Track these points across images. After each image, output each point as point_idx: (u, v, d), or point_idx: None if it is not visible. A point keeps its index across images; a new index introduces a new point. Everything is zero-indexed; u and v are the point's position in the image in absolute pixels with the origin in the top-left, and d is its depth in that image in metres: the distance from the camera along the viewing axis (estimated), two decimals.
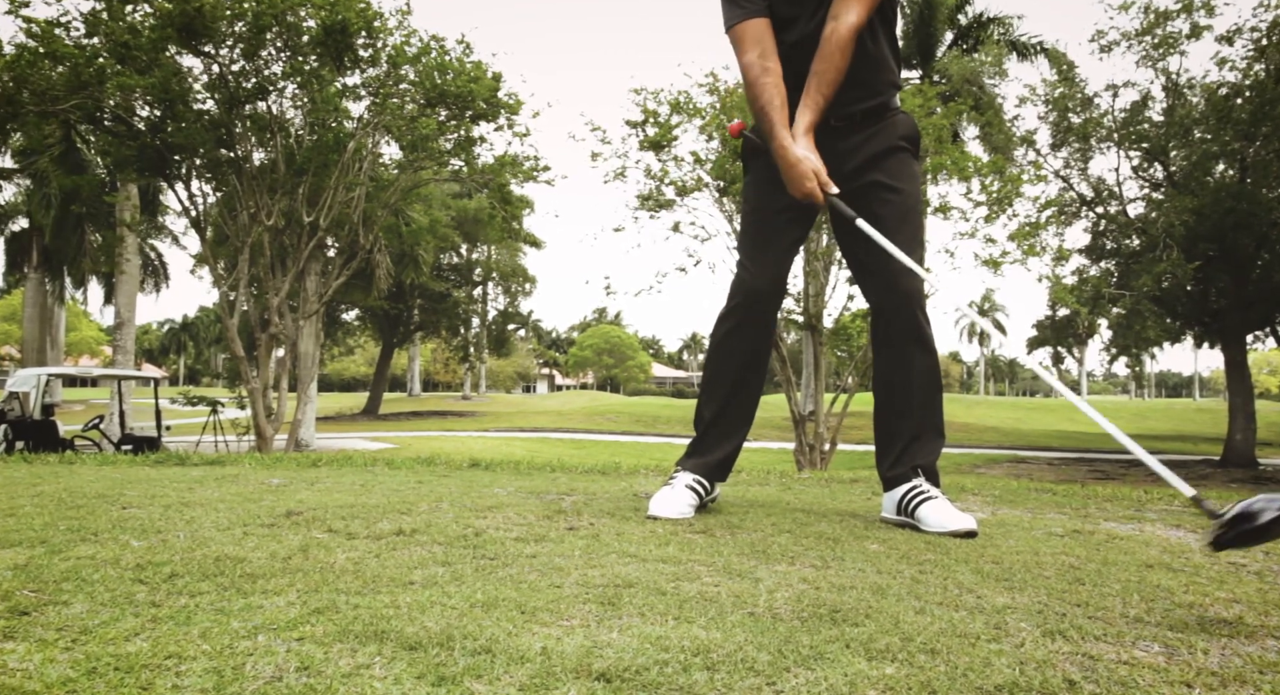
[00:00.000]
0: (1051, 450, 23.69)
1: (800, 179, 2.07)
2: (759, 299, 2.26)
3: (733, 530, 2.02)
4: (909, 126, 2.28)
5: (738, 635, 1.16)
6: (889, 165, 2.22)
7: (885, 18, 2.21)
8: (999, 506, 2.80)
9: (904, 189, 2.22)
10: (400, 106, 11.06)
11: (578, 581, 1.45)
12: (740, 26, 2.18)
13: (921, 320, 2.19)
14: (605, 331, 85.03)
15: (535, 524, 2.04)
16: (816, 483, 3.43)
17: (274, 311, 11.33)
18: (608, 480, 3.35)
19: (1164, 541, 2.12)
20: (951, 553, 1.82)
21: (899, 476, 2.20)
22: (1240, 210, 17.11)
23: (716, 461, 2.32)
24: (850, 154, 2.22)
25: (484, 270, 36.57)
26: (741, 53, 2.17)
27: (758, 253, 2.27)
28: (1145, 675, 1.07)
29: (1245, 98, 17.32)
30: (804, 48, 2.14)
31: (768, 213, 2.27)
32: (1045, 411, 41.95)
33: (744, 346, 2.30)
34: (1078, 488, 3.35)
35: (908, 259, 2.06)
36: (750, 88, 2.16)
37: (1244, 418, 18.83)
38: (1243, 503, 1.43)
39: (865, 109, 2.22)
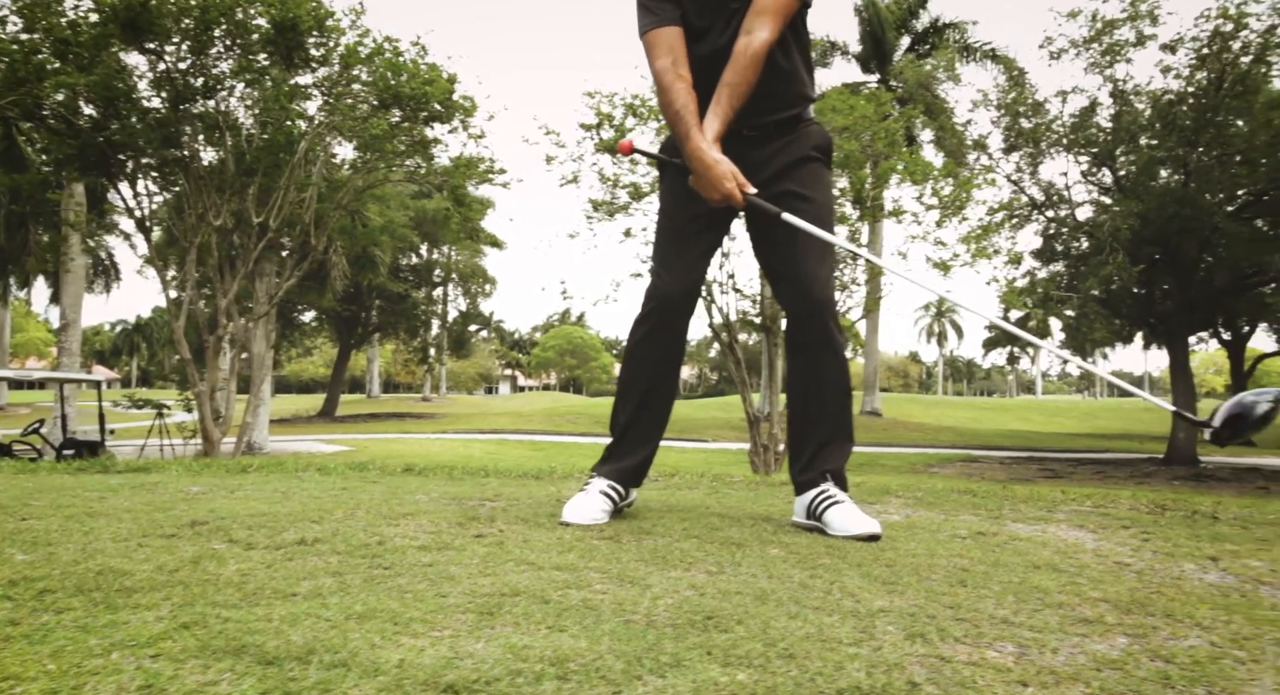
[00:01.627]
0: (1005, 449, 24.10)
1: (719, 180, 2.09)
2: (672, 305, 2.29)
3: (640, 536, 2.05)
4: (821, 137, 2.32)
5: (603, 644, 1.17)
6: (801, 175, 2.26)
7: (797, 33, 2.25)
8: (917, 509, 2.85)
9: (816, 198, 2.26)
10: (352, 107, 10.95)
11: (465, 590, 1.46)
12: (653, 33, 2.21)
13: (833, 328, 2.23)
14: (568, 332, 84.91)
15: (444, 531, 2.05)
16: (748, 487, 3.47)
17: (222, 313, 11.16)
18: (538, 485, 3.36)
19: (1060, 542, 2.18)
20: (848, 556, 1.86)
21: (809, 481, 2.25)
22: (1183, 215, 17.53)
23: (631, 467, 2.35)
24: (763, 164, 2.26)
25: (444, 271, 36.34)
26: (654, 59, 2.20)
27: (671, 259, 2.30)
28: (988, 675, 1.11)
29: (1188, 105, 17.76)
30: (715, 60, 2.17)
31: (681, 220, 2.30)
32: (1001, 411, 42.67)
33: (657, 352, 2.32)
34: (998, 489, 3.43)
35: (834, 238, 2.12)
36: (664, 93, 2.18)
37: None
38: (1228, 404, 1.78)
39: (778, 120, 2.26)
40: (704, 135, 2.10)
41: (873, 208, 14.12)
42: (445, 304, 39.05)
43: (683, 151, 2.15)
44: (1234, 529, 2.50)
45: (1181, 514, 2.80)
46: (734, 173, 2.10)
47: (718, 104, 2.12)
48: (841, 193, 14.13)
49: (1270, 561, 2.00)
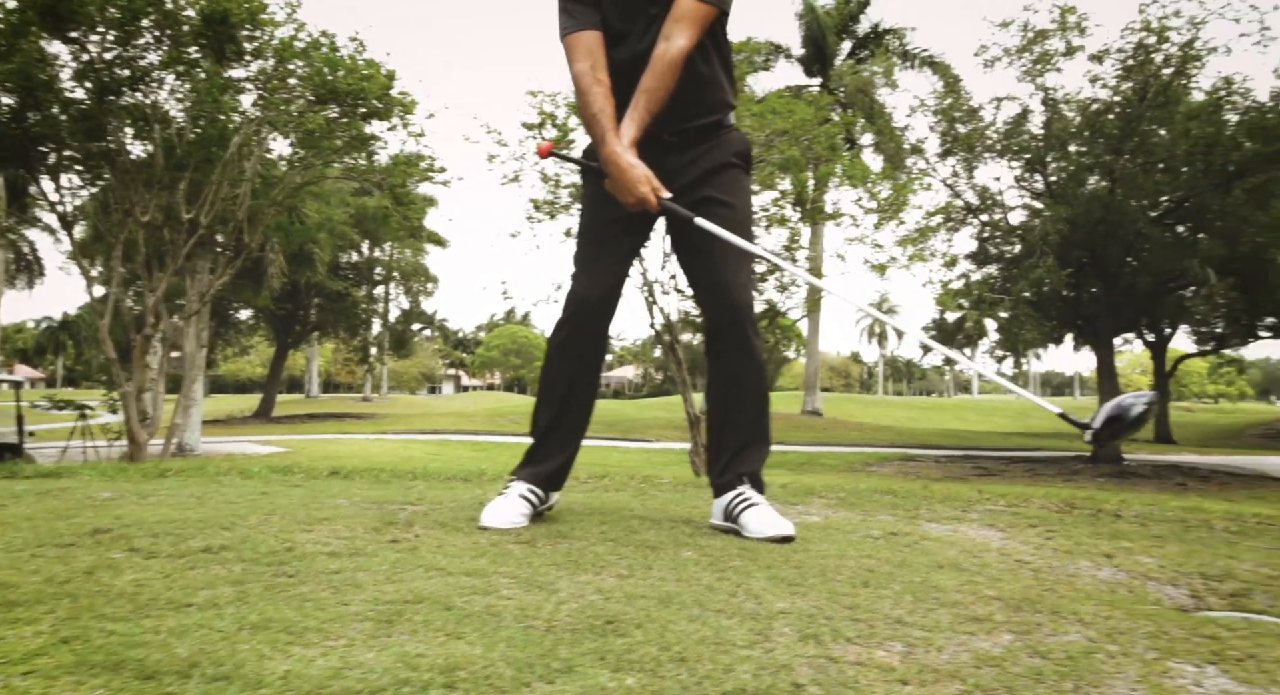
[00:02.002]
0: (941, 448, 24.64)
1: (633, 184, 2.11)
2: (591, 310, 2.30)
3: (556, 539, 2.05)
4: (742, 144, 2.36)
5: (497, 651, 1.18)
6: (721, 181, 2.29)
7: (717, 40, 2.27)
8: (838, 509, 2.91)
9: (735, 204, 2.29)
10: (288, 102, 10.72)
11: (369, 598, 1.45)
12: (573, 36, 2.22)
13: (750, 333, 2.26)
14: (513, 332, 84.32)
15: (358, 537, 2.03)
16: (675, 488, 3.50)
17: (150, 311, 10.84)
18: (465, 488, 3.34)
19: (968, 541, 2.24)
20: (759, 558, 1.89)
21: (726, 483, 2.28)
22: (1109, 220, 18.13)
23: (550, 471, 2.35)
24: (683, 169, 2.28)
25: (385, 269, 35.80)
26: (574, 62, 2.21)
27: (591, 264, 2.31)
28: (871, 674, 1.14)
29: (1114, 114, 18.37)
30: (634, 65, 2.19)
31: (600, 224, 2.31)
32: (938, 410, 43.61)
33: (576, 356, 2.33)
34: (919, 489, 3.52)
35: (751, 246, 2.15)
36: (582, 96, 2.19)
37: None
38: (1109, 405, 1.87)
39: (699, 126, 2.29)
40: (620, 139, 2.12)
41: (813, 211, 14.33)
42: (387, 303, 38.49)
43: (599, 155, 2.16)
44: (1133, 526, 2.60)
45: (1087, 512, 2.90)
46: (649, 177, 2.11)
47: (635, 109, 2.14)
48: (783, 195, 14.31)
49: (1160, 557, 2.08)
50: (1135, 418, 1.78)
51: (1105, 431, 1.79)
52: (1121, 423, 1.78)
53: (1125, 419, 1.78)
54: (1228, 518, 2.91)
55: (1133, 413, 1.77)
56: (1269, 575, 1.91)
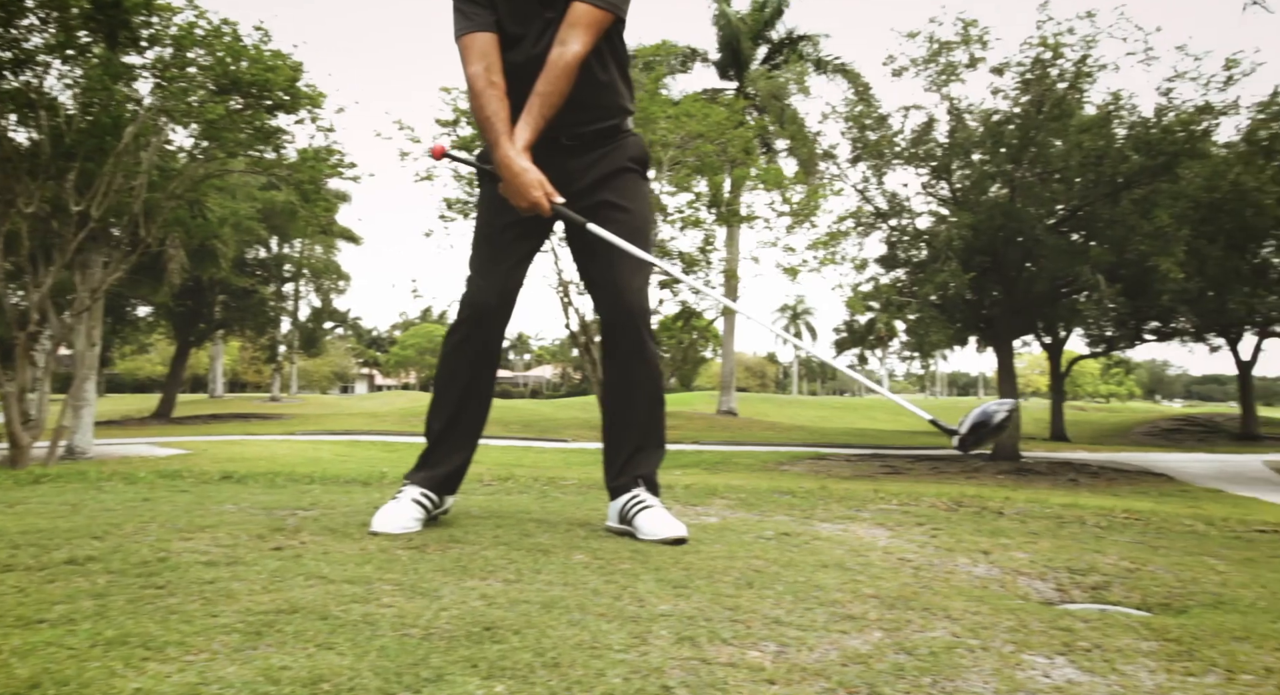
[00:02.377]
0: (851, 447, 25.25)
1: (526, 188, 2.10)
2: (486, 314, 2.28)
3: (447, 544, 2.03)
4: (639, 149, 2.37)
5: (368, 661, 1.16)
6: (618, 185, 2.30)
7: (614, 46, 2.28)
8: (736, 510, 2.95)
9: (632, 209, 2.30)
10: (186, 92, 10.30)
11: (241, 608, 1.40)
12: (468, 38, 2.19)
13: (645, 336, 2.28)
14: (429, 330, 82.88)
15: (240, 544, 1.96)
16: (578, 490, 3.49)
17: (35, 307, 10.27)
18: (363, 492, 3.27)
19: (856, 541, 2.31)
20: (649, 561, 1.90)
21: (621, 486, 2.29)
22: (1009, 227, 18.90)
23: (444, 474, 2.32)
24: (580, 173, 2.28)
25: (294, 266, 34.74)
26: (468, 63, 2.19)
27: (486, 267, 2.29)
28: (741, 675, 1.16)
29: (1014, 125, 19.14)
30: (529, 68, 2.18)
31: (496, 227, 2.29)
32: (849, 410, 44.71)
33: (471, 359, 2.31)
34: (817, 489, 3.59)
35: (644, 254, 2.16)
36: (476, 98, 2.17)
37: None
38: (974, 412, 1.94)
39: (596, 130, 2.29)
40: (514, 143, 2.11)
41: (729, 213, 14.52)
42: (296, 300, 37.38)
43: (492, 159, 2.15)
44: (1013, 523, 2.72)
45: (973, 510, 3.02)
46: (541, 181, 2.11)
47: (529, 113, 2.13)
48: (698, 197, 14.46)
49: (1033, 553, 2.18)
50: (998, 424, 1.87)
51: (971, 437, 1.88)
52: (985, 428, 1.87)
53: (989, 425, 1.87)
54: (1099, 513, 3.07)
55: (995, 419, 1.86)
56: (1128, 568, 2.02)
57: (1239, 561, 2.16)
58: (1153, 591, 1.87)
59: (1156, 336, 27.06)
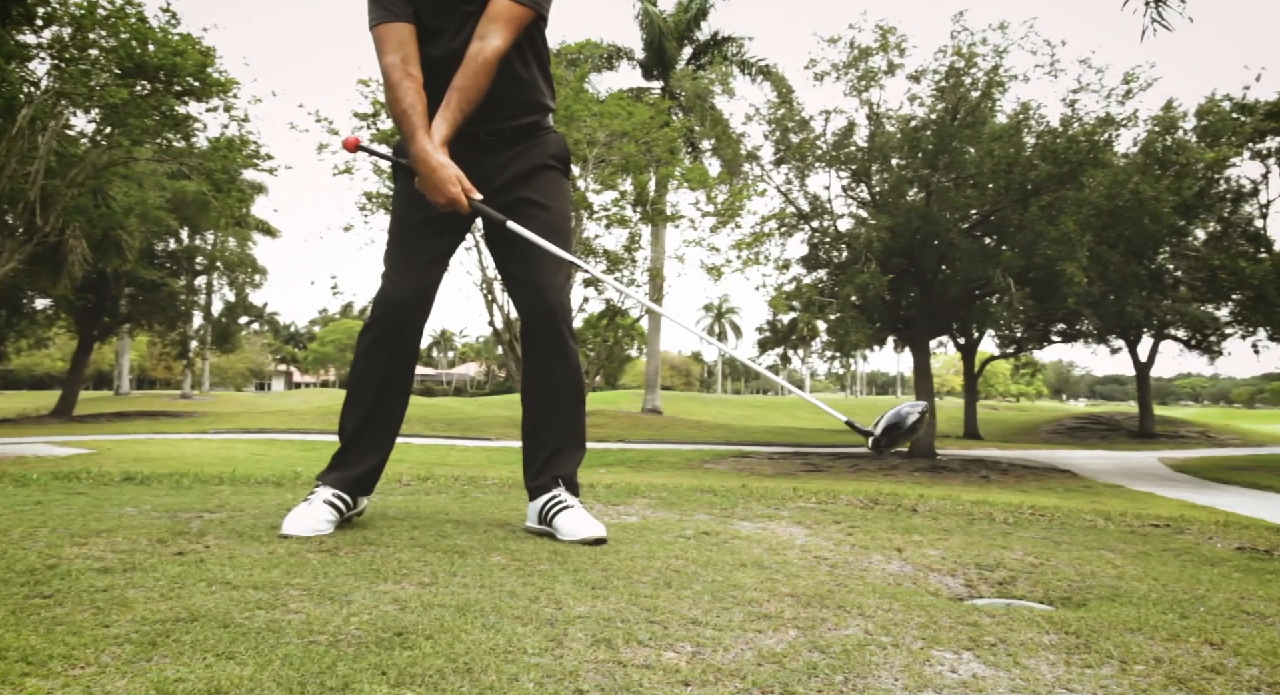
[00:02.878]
0: (773, 445, 25.64)
1: (443, 184, 2.05)
2: (402, 311, 2.23)
3: (360, 547, 1.97)
4: (559, 146, 2.35)
5: (270, 670, 1.11)
6: (538, 182, 2.28)
7: (534, 43, 2.25)
8: (658, 509, 2.95)
9: (552, 206, 2.28)
10: (88, 75, 9.83)
11: (137, 618, 1.34)
12: (384, 28, 2.14)
13: (566, 334, 2.26)
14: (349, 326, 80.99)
15: (139, 549, 1.87)
16: (499, 490, 3.45)
17: None
18: (274, 492, 3.16)
19: (774, 539, 2.33)
20: (568, 562, 1.89)
21: (541, 486, 2.27)
22: (926, 230, 19.45)
23: (359, 475, 2.26)
24: (499, 170, 2.25)
25: (207, 259, 33.50)
26: (383, 54, 2.13)
27: (402, 263, 2.24)
28: (656, 677, 1.15)
29: (930, 131, 19.71)
30: (448, 63, 2.14)
31: (413, 223, 2.24)
32: (772, 409, 45.40)
33: (386, 359, 2.26)
34: (738, 487, 3.63)
35: (563, 252, 2.13)
36: (392, 90, 2.12)
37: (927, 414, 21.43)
38: (888, 414, 1.98)
39: (515, 126, 2.26)
40: (431, 138, 2.06)
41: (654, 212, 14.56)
42: (209, 294, 36.08)
43: (408, 153, 2.10)
44: (926, 520, 2.79)
45: (888, 508, 3.08)
46: (459, 177, 2.07)
47: (447, 107, 2.09)
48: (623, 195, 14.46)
49: (944, 550, 2.24)
50: (911, 425, 1.91)
51: (884, 438, 1.91)
52: (899, 430, 1.91)
53: (902, 427, 1.91)
54: (1007, 510, 3.17)
55: (908, 421, 1.91)
56: (1032, 563, 2.09)
57: (1134, 555, 2.26)
58: (1055, 585, 1.94)
59: (1063, 338, 28.24)
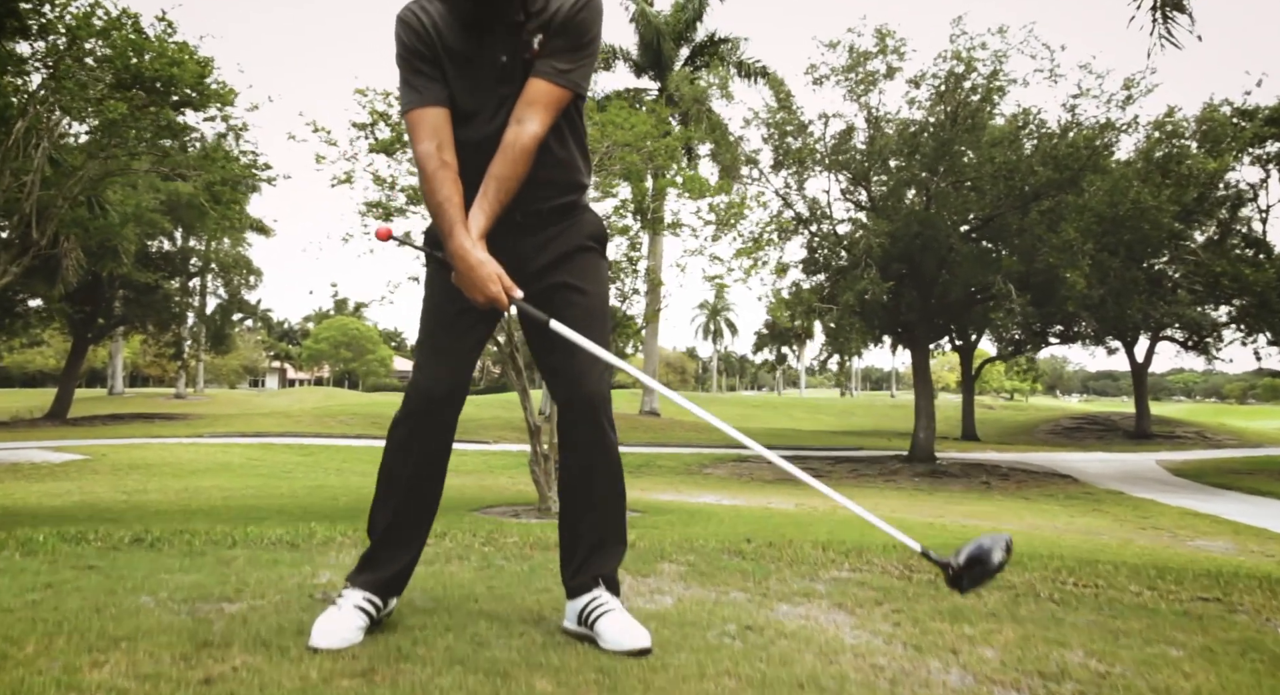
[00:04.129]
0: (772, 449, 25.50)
1: (483, 283, 1.96)
2: (436, 405, 2.14)
3: (397, 666, 1.87)
4: (596, 226, 2.26)
5: None
6: (575, 265, 2.19)
7: (572, 121, 2.16)
8: (689, 583, 2.86)
9: (590, 290, 2.19)
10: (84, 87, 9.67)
11: None
12: (417, 113, 2.05)
13: (605, 425, 2.17)
14: (343, 323, 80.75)
15: (163, 671, 1.77)
16: (521, 556, 3.35)
17: None
18: (291, 562, 3.06)
19: (822, 637, 2.24)
20: (619, 685, 1.79)
21: (580, 586, 2.17)
22: (925, 235, 19.40)
23: (390, 576, 2.16)
24: (535, 253, 2.16)
25: (201, 260, 33.27)
26: (417, 141, 2.04)
27: (436, 356, 2.15)
28: None
29: (929, 134, 19.64)
30: (484, 146, 2.05)
31: (447, 314, 2.15)
32: (769, 409, 45.38)
33: (421, 455, 2.16)
34: (766, 548, 3.53)
35: (606, 354, 2.04)
36: (427, 181, 2.02)
37: (926, 418, 21.45)
38: (970, 545, 1.81)
39: (552, 207, 2.17)
40: (469, 232, 1.97)
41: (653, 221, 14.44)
42: (203, 296, 35.85)
43: (445, 248, 2.01)
44: (969, 597, 2.70)
45: (926, 579, 2.99)
46: (500, 275, 1.98)
47: (484, 197, 2.00)
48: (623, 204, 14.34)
49: (1000, 649, 2.15)
50: (997, 565, 1.79)
51: (966, 575, 1.80)
52: (982, 567, 1.79)
53: (987, 565, 1.79)
54: (1048, 576, 3.09)
55: (994, 561, 1.78)
56: (1098, 672, 2.00)
57: (1198, 652, 2.18)
58: None
59: (1060, 340, 28.26)
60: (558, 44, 2.03)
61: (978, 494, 16.96)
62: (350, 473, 19.07)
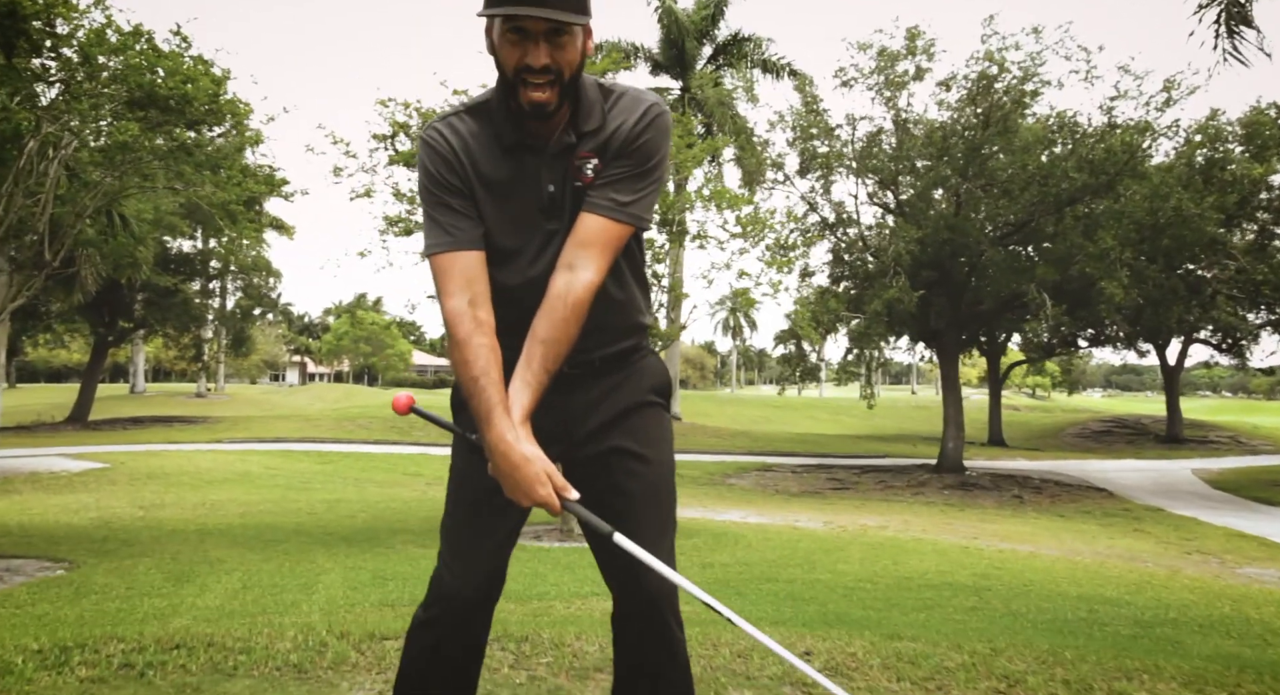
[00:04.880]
0: (796, 456, 25.17)
1: (530, 484, 1.58)
2: (465, 609, 1.76)
3: None
4: (659, 375, 1.88)
5: None
6: (636, 426, 1.80)
7: (631, 255, 1.79)
8: None
9: (653, 458, 1.80)
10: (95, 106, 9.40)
11: None
12: (445, 258, 1.67)
13: (672, 623, 1.77)
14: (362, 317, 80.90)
15: None
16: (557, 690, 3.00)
17: None
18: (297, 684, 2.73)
19: None
20: None
21: None
22: (955, 241, 18.90)
23: None
24: (586, 413, 1.78)
25: (221, 262, 33.14)
26: (446, 295, 1.66)
27: (464, 546, 1.77)
28: None
29: (960, 137, 19.11)
30: (523, 295, 1.69)
31: (477, 494, 1.75)
32: (790, 410, 44.90)
33: (448, 668, 1.79)
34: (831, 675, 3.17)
35: (667, 570, 1.64)
36: (459, 348, 1.64)
37: (955, 428, 20.96)
38: None
39: (607, 356, 1.80)
40: (511, 419, 1.59)
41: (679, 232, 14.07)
42: (224, 298, 35.76)
43: (482, 436, 1.63)
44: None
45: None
46: (550, 473, 1.59)
47: (528, 367, 1.62)
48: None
49: None
50: None
51: None
52: None
53: None
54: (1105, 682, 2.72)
55: None
56: None
57: None
58: None
59: (1090, 343, 27.66)
60: (617, 170, 1.67)
61: (1010, 510, 16.50)
62: (369, 483, 18.84)
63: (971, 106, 19.09)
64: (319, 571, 8.18)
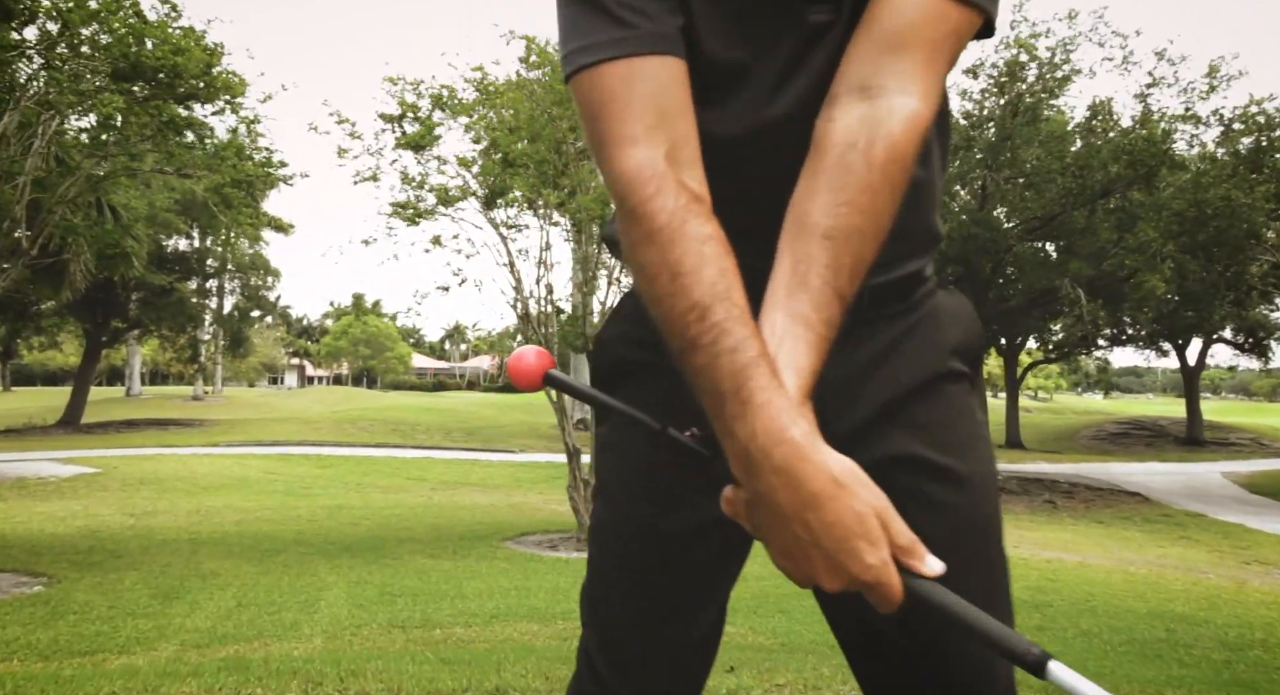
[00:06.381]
0: None
1: (849, 539, 0.68)
2: None
3: None
4: (964, 323, 1.03)
5: None
6: (934, 417, 0.95)
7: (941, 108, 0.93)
8: None
9: (967, 475, 0.94)
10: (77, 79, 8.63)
11: None
12: (614, 69, 0.82)
13: None
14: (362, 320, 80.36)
15: None
16: None
17: None
18: None
19: None
20: None
21: None
22: (982, 236, 18.17)
23: None
24: (850, 387, 0.93)
25: (218, 261, 32.38)
26: (618, 142, 0.81)
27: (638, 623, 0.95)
28: None
29: (987, 128, 18.41)
30: (759, 159, 0.87)
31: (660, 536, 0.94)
32: None
33: None
34: None
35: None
36: (655, 245, 0.78)
37: None
38: None
39: (881, 285, 0.93)
40: (787, 389, 0.73)
41: None
42: (221, 298, 35.00)
43: (724, 429, 0.73)
44: None
45: None
46: (886, 517, 0.69)
47: (803, 288, 0.77)
48: None
49: None
50: None
51: None
52: None
53: None
54: None
55: None
56: None
57: None
58: None
59: (1109, 342, 26.95)
60: None
61: (1045, 516, 15.74)
62: (371, 488, 18.07)
63: (999, 94, 18.38)
64: (321, 587, 7.51)
